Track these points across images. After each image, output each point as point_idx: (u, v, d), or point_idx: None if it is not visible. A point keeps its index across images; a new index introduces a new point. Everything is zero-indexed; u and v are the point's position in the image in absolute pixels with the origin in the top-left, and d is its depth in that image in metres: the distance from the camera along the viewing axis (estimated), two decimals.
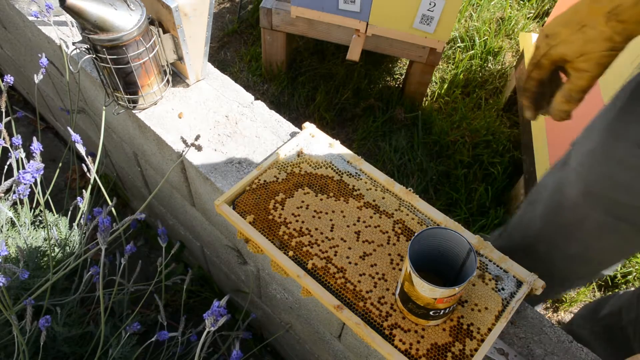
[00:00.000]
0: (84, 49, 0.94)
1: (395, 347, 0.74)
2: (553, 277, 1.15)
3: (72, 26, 1.23)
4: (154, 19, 1.01)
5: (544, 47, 0.71)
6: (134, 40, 0.93)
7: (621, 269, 1.80)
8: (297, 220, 0.87)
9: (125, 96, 1.03)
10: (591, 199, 0.93)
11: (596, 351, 1.02)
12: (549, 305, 1.77)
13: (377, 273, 0.81)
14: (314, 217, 0.88)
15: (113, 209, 1.00)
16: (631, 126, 0.83)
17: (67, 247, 1.16)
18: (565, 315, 1.74)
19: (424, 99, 2.27)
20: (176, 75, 1.15)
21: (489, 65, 2.45)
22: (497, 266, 0.82)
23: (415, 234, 0.68)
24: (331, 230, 0.86)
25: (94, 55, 0.94)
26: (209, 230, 1.25)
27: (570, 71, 0.69)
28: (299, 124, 1.08)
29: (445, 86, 2.33)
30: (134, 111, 1.07)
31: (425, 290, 0.67)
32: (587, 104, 0.95)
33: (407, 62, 2.22)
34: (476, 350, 0.73)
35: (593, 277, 1.15)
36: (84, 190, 1.14)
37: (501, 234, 1.28)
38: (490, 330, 0.76)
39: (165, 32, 1.02)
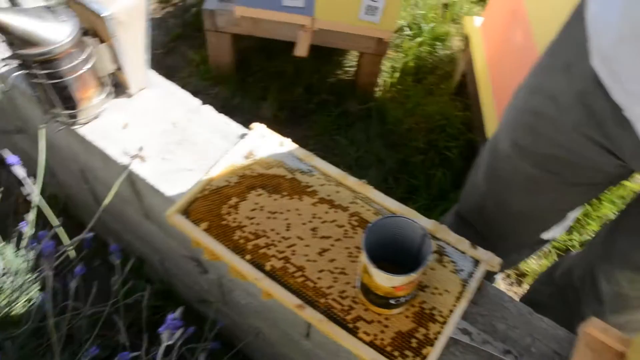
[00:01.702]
0: (15, 65, 0.90)
1: (360, 339, 0.74)
2: (507, 240, 1.19)
3: (1, 41, 1.18)
4: (88, 30, 0.97)
5: None
6: (67, 53, 0.89)
7: (579, 236, 1.85)
8: (252, 223, 0.86)
9: (64, 112, 0.99)
10: (518, 151, 0.97)
11: (555, 315, 1.05)
12: (513, 281, 1.81)
13: (336, 268, 0.80)
14: (269, 218, 0.87)
15: (62, 231, 0.96)
16: (545, 80, 0.87)
17: (18, 276, 1.11)
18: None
19: (377, 90, 2.28)
20: (117, 86, 1.11)
21: (438, 51, 2.48)
22: (454, 248, 0.83)
23: (369, 225, 0.68)
24: (287, 230, 0.85)
25: (26, 71, 0.90)
26: (166, 242, 1.22)
27: None
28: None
29: (396, 75, 2.34)
30: (74, 127, 1.03)
31: (383, 280, 0.66)
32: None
33: (357, 54, 2.23)
34: (440, 333, 0.74)
35: (541, 239, 1.19)
36: (29, 214, 1.10)
37: (456, 210, 1.32)
38: (452, 312, 0.76)
39: (101, 42, 0.99)
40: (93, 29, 0.97)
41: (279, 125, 2.15)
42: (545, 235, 1.19)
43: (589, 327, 0.75)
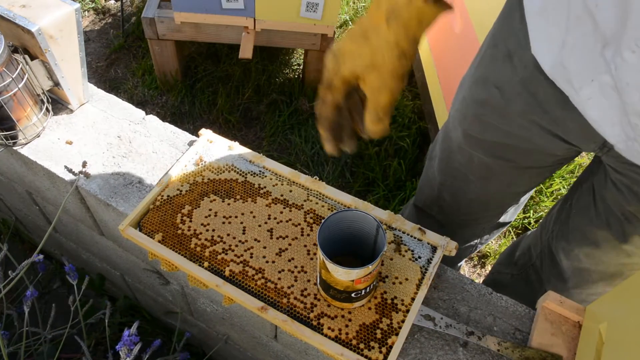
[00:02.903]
0: None
1: (325, 335, 0.74)
2: (467, 228, 1.21)
3: None
4: (17, 46, 0.94)
5: (333, 67, 0.66)
6: None
7: (534, 214, 1.90)
8: (207, 230, 0.85)
9: (1, 133, 0.95)
10: (469, 140, 0.98)
11: (519, 294, 1.08)
12: (476, 263, 1.85)
13: (295, 267, 0.80)
14: (224, 223, 0.86)
15: (9, 255, 0.93)
16: (488, 70, 0.87)
17: None
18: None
19: None
20: (57, 102, 1.08)
21: None
22: (411, 236, 0.84)
23: (322, 222, 0.68)
24: (243, 233, 0.84)
25: None
26: (124, 257, 1.19)
27: (367, 90, 0.66)
28: None
29: None
30: (15, 148, 0.99)
31: (341, 274, 0.67)
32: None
33: (303, 52, 2.23)
34: (403, 321, 0.75)
35: (499, 222, 1.22)
36: None
37: (414, 202, 1.33)
38: (413, 299, 0.77)
39: (33, 58, 0.95)
40: (23, 45, 0.93)
41: (231, 129, 2.13)
42: (503, 219, 1.21)
43: (545, 300, 0.78)
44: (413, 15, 0.59)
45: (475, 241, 1.31)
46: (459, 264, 1.55)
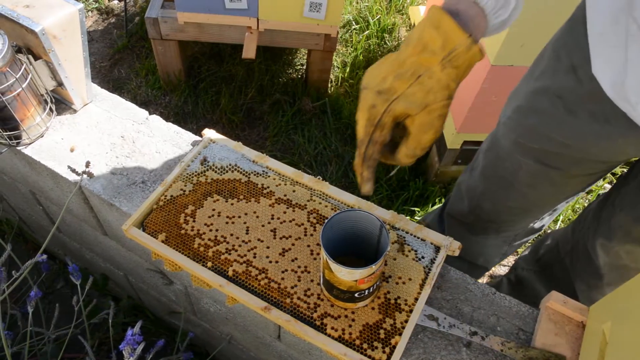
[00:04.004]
0: None
1: (329, 335, 0.74)
2: (500, 234, 1.23)
3: None
4: (21, 47, 0.94)
5: (381, 104, 0.66)
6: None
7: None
8: (210, 230, 0.85)
9: (5, 133, 0.95)
10: (521, 148, 1.00)
11: (540, 291, 1.07)
12: None
13: (299, 267, 0.80)
14: (227, 223, 0.86)
15: (13, 255, 0.93)
16: (552, 80, 0.89)
17: None
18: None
19: (329, 86, 2.28)
20: (61, 102, 1.08)
21: (386, 42, 2.50)
22: (414, 236, 0.84)
23: (326, 221, 0.68)
24: (247, 233, 0.84)
25: None
26: (128, 257, 1.19)
27: (413, 128, 0.66)
28: None
29: (348, 69, 2.35)
30: (18, 147, 1.00)
31: (344, 274, 0.67)
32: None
33: (306, 52, 2.23)
34: (406, 321, 0.74)
35: (532, 227, 1.22)
36: None
37: (446, 211, 1.33)
38: (417, 299, 0.77)
39: (36, 58, 0.95)
40: (26, 45, 0.93)
41: (234, 129, 2.13)
42: (537, 224, 1.22)
43: (549, 300, 0.77)
44: (467, 61, 0.63)
45: (506, 248, 1.31)
46: (486, 273, 1.56)
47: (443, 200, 1.88)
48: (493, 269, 1.79)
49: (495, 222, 1.20)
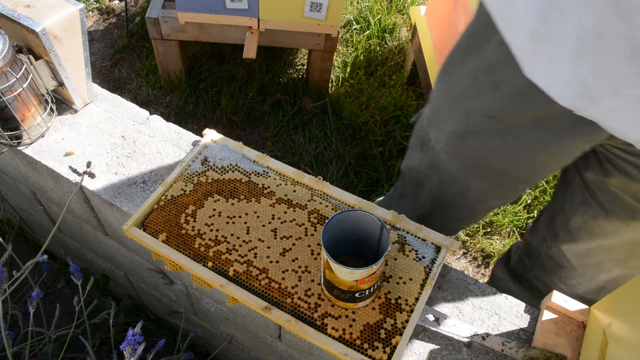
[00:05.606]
0: None
1: (329, 335, 0.74)
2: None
3: None
4: (21, 47, 0.94)
5: None
6: (0, 72, 0.86)
7: (537, 213, 1.89)
8: (211, 230, 0.85)
9: (6, 133, 0.95)
10: (468, 171, 0.99)
11: (524, 299, 1.07)
12: (480, 262, 1.84)
13: (299, 267, 0.80)
14: (228, 223, 0.86)
15: (13, 255, 0.93)
16: (479, 101, 0.86)
17: None
18: None
19: (330, 86, 2.28)
20: (61, 102, 1.08)
21: (387, 42, 2.50)
22: (415, 236, 0.84)
23: (326, 221, 0.68)
24: (247, 233, 0.84)
25: None
26: (129, 257, 1.19)
27: None
28: None
29: (348, 69, 2.35)
30: (19, 147, 1.00)
31: (345, 274, 0.66)
32: None
33: (307, 52, 2.23)
34: (407, 321, 0.74)
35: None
36: None
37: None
38: (417, 299, 0.77)
39: (37, 58, 0.95)
40: (27, 45, 0.93)
41: (235, 129, 2.13)
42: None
43: (550, 300, 0.77)
44: None
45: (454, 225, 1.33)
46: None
47: None
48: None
49: (444, 228, 1.20)
